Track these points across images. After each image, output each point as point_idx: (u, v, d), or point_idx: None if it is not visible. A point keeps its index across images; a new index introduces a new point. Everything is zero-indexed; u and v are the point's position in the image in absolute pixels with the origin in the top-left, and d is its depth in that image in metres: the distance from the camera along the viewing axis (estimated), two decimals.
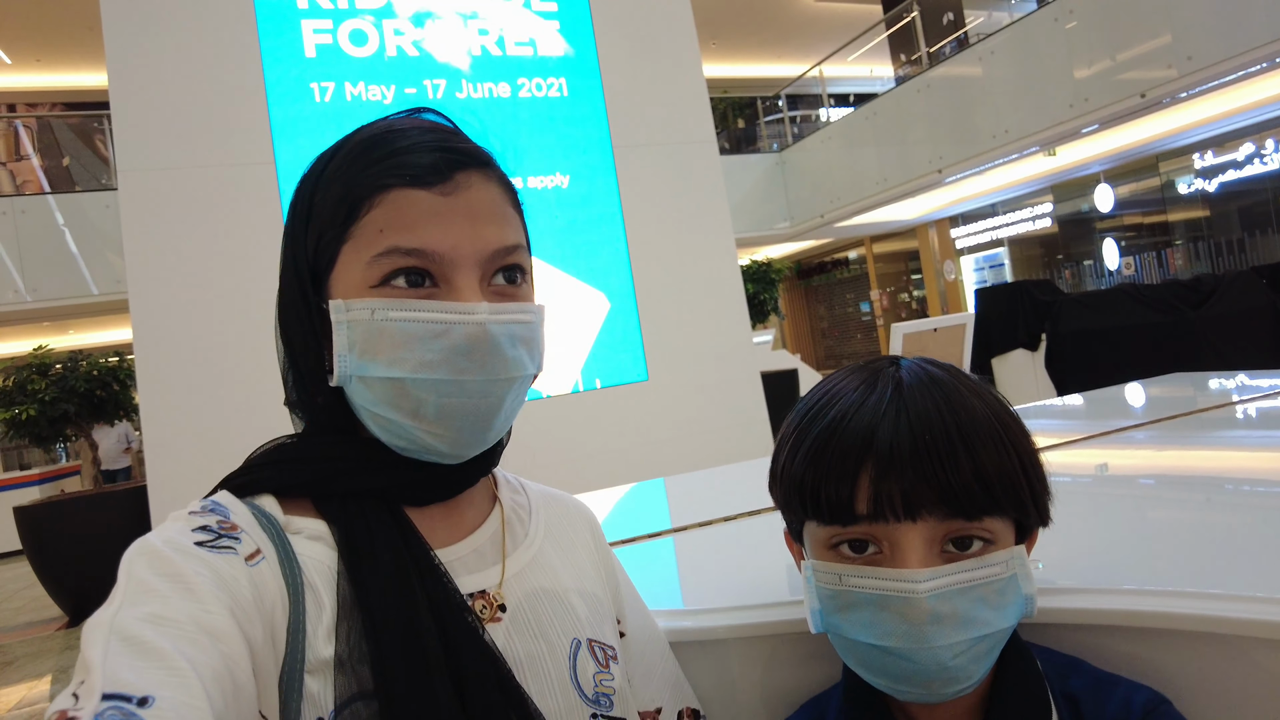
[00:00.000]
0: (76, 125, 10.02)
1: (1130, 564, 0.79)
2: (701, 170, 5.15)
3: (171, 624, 0.41)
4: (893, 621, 0.55)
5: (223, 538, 0.49)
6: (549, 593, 0.62)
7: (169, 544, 0.47)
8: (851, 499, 0.56)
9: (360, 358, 0.54)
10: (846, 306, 17.18)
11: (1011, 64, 7.87)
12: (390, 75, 4.61)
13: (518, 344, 0.56)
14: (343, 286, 0.55)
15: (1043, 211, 11.95)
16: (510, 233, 0.58)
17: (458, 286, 0.54)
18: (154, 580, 0.44)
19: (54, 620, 4.95)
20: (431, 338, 0.53)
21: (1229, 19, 5.86)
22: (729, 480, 1.67)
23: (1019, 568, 0.57)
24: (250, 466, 0.58)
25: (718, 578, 0.99)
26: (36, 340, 9.14)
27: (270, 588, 0.49)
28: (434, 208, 0.54)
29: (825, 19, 13.52)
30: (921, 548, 0.55)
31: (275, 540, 0.52)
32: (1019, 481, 0.57)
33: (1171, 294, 5.75)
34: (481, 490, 0.66)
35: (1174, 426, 1.50)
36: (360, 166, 0.55)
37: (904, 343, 2.61)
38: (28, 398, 4.83)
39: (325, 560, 0.53)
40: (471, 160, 0.57)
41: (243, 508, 0.54)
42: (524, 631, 0.59)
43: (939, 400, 0.57)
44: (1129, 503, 1.08)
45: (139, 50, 4.12)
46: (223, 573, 0.46)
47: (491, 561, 0.61)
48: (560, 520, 0.71)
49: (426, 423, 0.54)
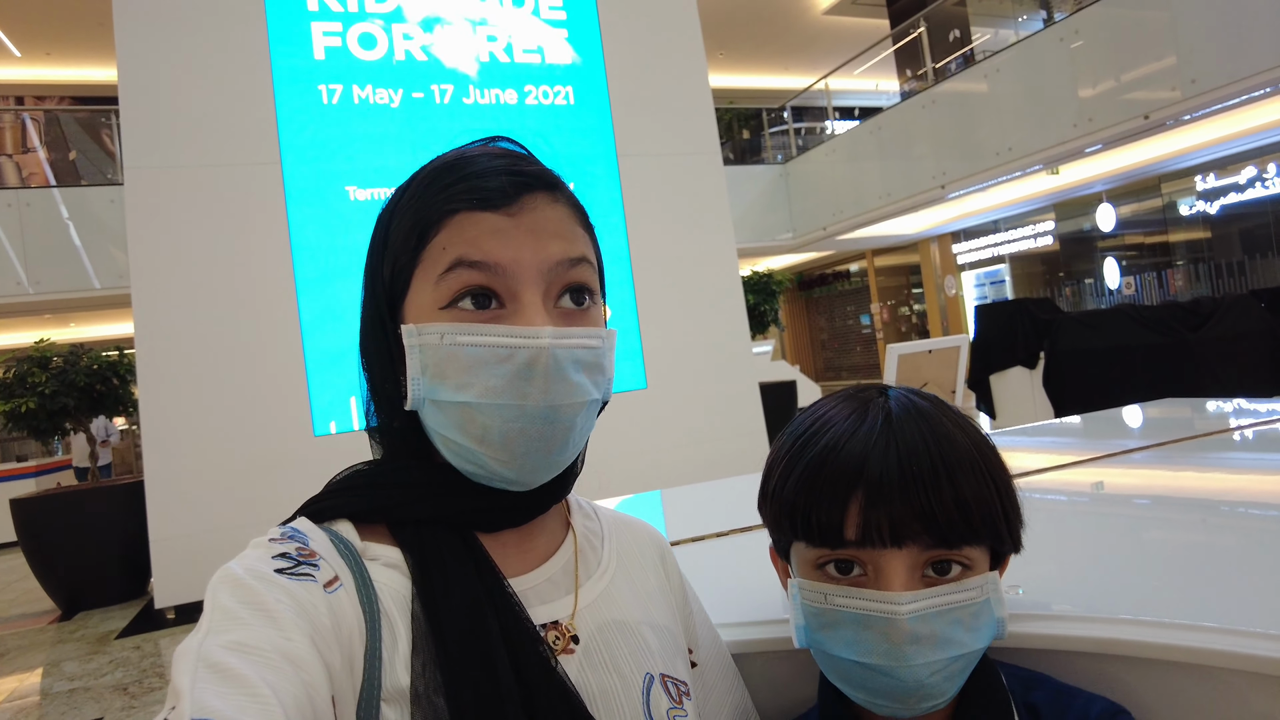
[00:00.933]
0: (84, 119, 10.06)
1: (1115, 589, 0.80)
2: (705, 181, 5.17)
3: (255, 651, 0.42)
4: (875, 640, 0.58)
5: (301, 565, 0.50)
6: (622, 625, 0.62)
7: (250, 572, 0.48)
8: (841, 525, 0.59)
9: (431, 381, 0.55)
10: (847, 319, 17.21)
11: (1017, 82, 7.90)
12: (398, 79, 4.63)
13: (581, 369, 0.56)
14: (415, 310, 0.56)
15: (1044, 229, 11.99)
16: (575, 246, 0.58)
17: (523, 304, 0.55)
18: (238, 608, 0.45)
19: (47, 614, 4.95)
20: (496, 363, 0.53)
21: (1233, 43, 5.89)
22: (724, 495, 1.68)
23: (992, 592, 0.60)
24: (327, 492, 0.59)
25: (711, 594, 1.00)
26: (37, 332, 9.16)
27: (348, 615, 0.49)
28: (498, 226, 0.55)
29: (833, 32, 13.59)
30: (904, 572, 0.58)
31: (353, 567, 0.53)
32: (995, 510, 0.60)
33: (1170, 316, 5.76)
34: (555, 517, 0.65)
35: (1166, 452, 1.51)
36: (431, 194, 0.56)
37: (899, 364, 2.63)
38: (28, 390, 4.84)
39: (400, 589, 0.54)
40: (539, 183, 0.57)
41: (321, 534, 0.54)
42: (597, 665, 0.58)
43: (925, 432, 0.60)
44: (1116, 526, 1.09)
45: (149, 49, 4.14)
46: (302, 600, 0.47)
47: (565, 591, 0.61)
48: (631, 548, 0.70)
49: (493, 448, 0.54)
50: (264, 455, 4.13)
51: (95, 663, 3.81)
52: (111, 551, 4.93)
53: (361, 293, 0.62)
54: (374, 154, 4.52)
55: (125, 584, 5.02)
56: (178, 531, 4.06)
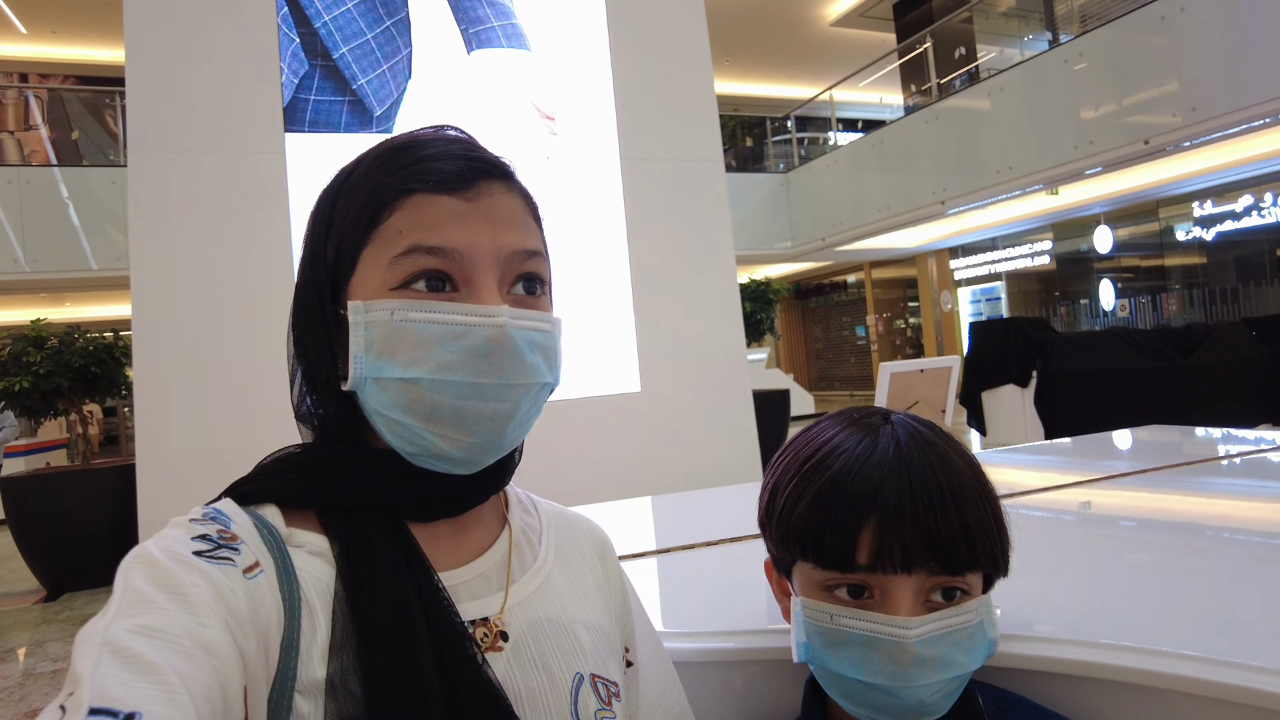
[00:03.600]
0: (88, 100, 10.02)
1: (1096, 611, 0.82)
2: (707, 187, 5.18)
3: (166, 637, 0.40)
4: (881, 661, 0.60)
5: (222, 548, 0.49)
6: (554, 623, 0.61)
7: (167, 553, 0.47)
8: (854, 549, 0.61)
9: (377, 359, 0.53)
10: (842, 330, 17.25)
11: (1020, 101, 7.96)
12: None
13: (536, 351, 0.56)
14: (361, 290, 0.55)
15: (1042, 249, 12.06)
16: (530, 239, 0.58)
17: (478, 288, 0.54)
18: (150, 591, 0.43)
19: (32, 593, 4.94)
20: (451, 339, 0.53)
21: (1235, 73, 5.95)
22: (714, 504, 1.70)
23: (985, 614, 0.63)
24: (255, 474, 0.57)
25: (697, 602, 1.02)
26: (32, 310, 9.12)
27: (267, 602, 0.48)
28: (455, 210, 0.54)
29: (840, 44, 13.65)
30: (911, 598, 0.61)
31: (275, 553, 0.51)
32: (993, 536, 0.63)
33: (1162, 340, 5.82)
34: (491, 510, 0.65)
35: (1154, 478, 1.54)
36: (384, 173, 0.55)
37: (891, 382, 2.65)
38: (22, 369, 4.83)
39: (324, 578, 0.52)
40: (495, 170, 0.57)
41: (245, 517, 0.53)
42: (525, 663, 0.57)
43: (934, 461, 0.62)
44: (1100, 548, 1.11)
45: (158, 32, 4.14)
46: (220, 585, 0.46)
47: (497, 587, 0.60)
48: (569, 544, 0.69)
49: (441, 426, 0.53)
50: (256, 443, 4.08)
51: None
52: (100, 534, 4.91)
53: (296, 277, 0.60)
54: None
55: (112, 567, 4.84)
56: (167, 516, 3.99)
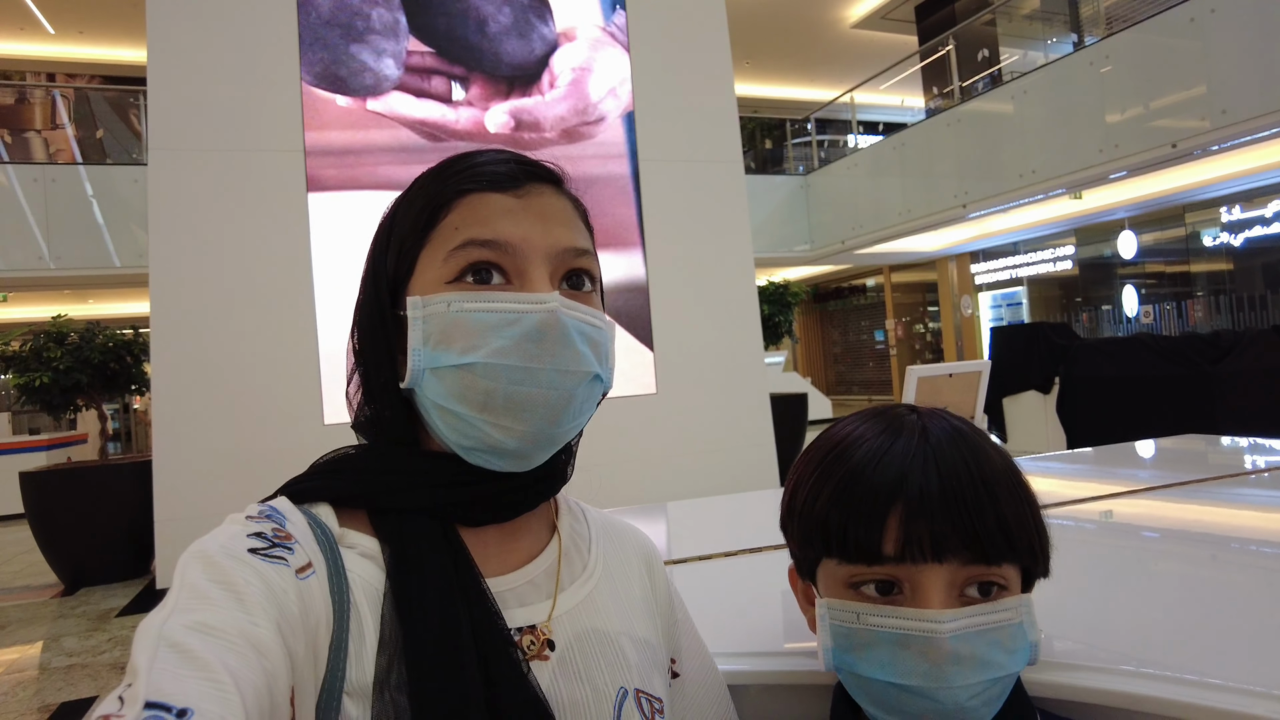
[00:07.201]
0: (112, 99, 10.15)
1: (1123, 633, 0.78)
2: (726, 189, 5.15)
3: (219, 634, 0.41)
4: (914, 660, 0.56)
5: (276, 547, 0.49)
6: (600, 634, 0.60)
7: (223, 550, 0.47)
8: (880, 540, 0.57)
9: (434, 349, 0.54)
10: (861, 334, 17.14)
11: (1043, 104, 7.85)
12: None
13: (587, 342, 0.56)
14: (420, 288, 0.56)
15: (1064, 253, 11.89)
16: (580, 239, 0.60)
17: (530, 279, 0.56)
18: (207, 587, 0.44)
19: (50, 587, 4.98)
20: (504, 325, 0.54)
21: (1265, 75, 5.83)
22: (730, 511, 1.66)
23: (1026, 615, 0.59)
24: (311, 473, 0.58)
25: (713, 618, 0.98)
26: (56, 306, 9.25)
27: (317, 604, 0.49)
28: (508, 206, 0.56)
29: (861, 46, 13.56)
30: (943, 590, 0.57)
31: (327, 554, 0.52)
32: (1030, 529, 0.59)
33: (1189, 347, 5.70)
34: (541, 518, 0.65)
35: (1189, 491, 1.48)
36: (440, 181, 0.58)
37: (918, 386, 2.60)
38: (43, 364, 4.88)
39: (374, 581, 0.53)
40: (545, 174, 0.60)
41: (299, 516, 0.54)
42: (570, 674, 0.57)
43: (964, 449, 0.59)
44: (1131, 567, 1.07)
45: (180, 32, 4.17)
46: (273, 584, 0.46)
47: (545, 595, 0.60)
48: (616, 554, 0.68)
49: (495, 414, 0.54)
50: (274, 442, 4.14)
51: (94, 640, 3.83)
52: (117, 529, 4.95)
53: (359, 294, 0.62)
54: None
55: (129, 562, 5.04)
56: (183, 513, 4.08)
